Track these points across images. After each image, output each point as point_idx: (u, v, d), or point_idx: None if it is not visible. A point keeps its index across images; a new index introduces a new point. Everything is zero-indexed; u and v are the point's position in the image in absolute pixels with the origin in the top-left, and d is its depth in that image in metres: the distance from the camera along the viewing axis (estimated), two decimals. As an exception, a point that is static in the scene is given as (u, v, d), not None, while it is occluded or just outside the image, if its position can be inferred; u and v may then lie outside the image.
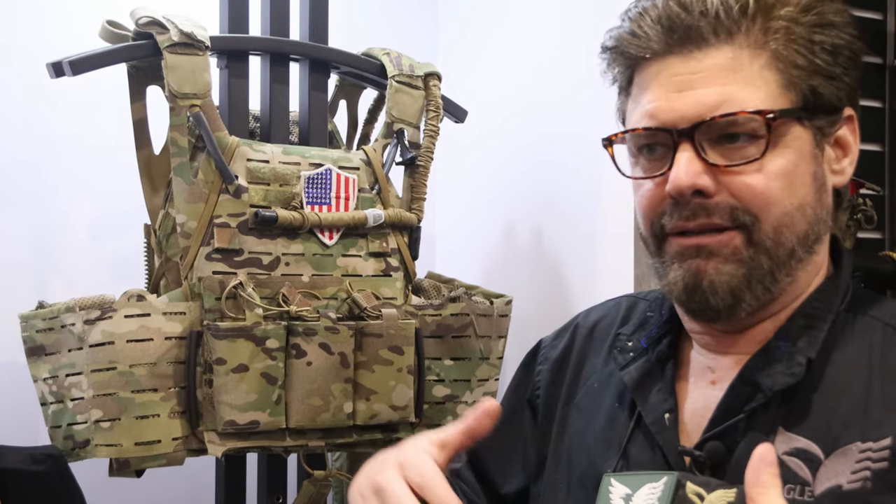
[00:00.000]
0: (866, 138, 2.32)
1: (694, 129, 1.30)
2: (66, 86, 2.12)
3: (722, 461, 1.33)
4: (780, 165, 1.31)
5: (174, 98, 2.04)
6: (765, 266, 1.32)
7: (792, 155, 1.32)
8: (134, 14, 2.07)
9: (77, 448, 1.97)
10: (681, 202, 1.32)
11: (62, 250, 2.50)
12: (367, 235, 2.18)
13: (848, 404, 1.29)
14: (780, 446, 1.29)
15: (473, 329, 2.25)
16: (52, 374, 1.99)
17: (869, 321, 1.36)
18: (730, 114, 1.29)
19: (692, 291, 1.33)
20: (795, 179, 1.32)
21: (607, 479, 1.34)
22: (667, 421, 1.40)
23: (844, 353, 1.33)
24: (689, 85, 1.32)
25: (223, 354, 2.00)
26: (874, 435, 1.25)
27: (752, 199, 1.31)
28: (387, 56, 2.30)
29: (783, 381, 1.31)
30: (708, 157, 1.31)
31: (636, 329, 1.52)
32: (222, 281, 2.03)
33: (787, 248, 1.33)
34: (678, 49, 1.33)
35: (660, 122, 1.33)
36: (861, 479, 1.24)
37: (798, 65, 1.32)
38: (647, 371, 1.46)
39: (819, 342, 1.33)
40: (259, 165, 2.09)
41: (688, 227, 1.33)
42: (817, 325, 1.35)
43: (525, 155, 2.60)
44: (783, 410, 1.32)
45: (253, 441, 2.05)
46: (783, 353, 1.33)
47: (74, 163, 2.51)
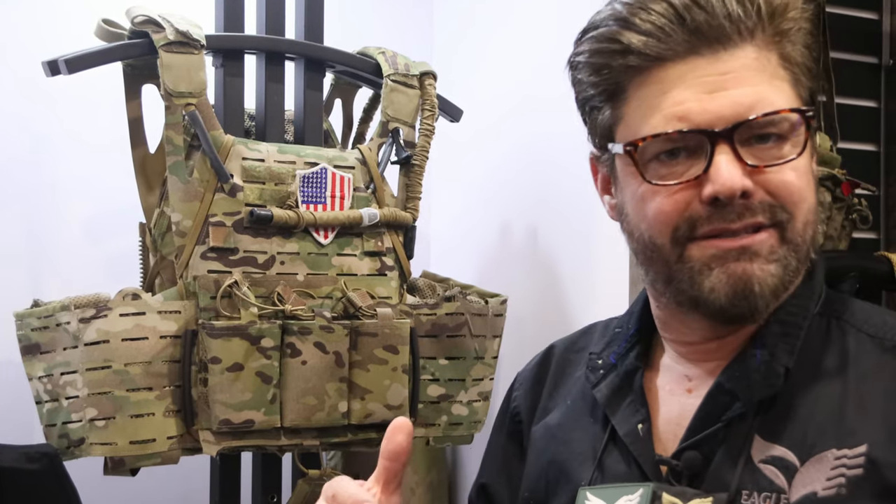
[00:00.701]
0: (861, 138, 2.34)
1: (733, 131, 1.28)
2: (61, 84, 2.11)
3: (699, 470, 1.33)
4: (804, 164, 1.33)
5: (169, 97, 2.03)
6: (793, 264, 1.32)
7: (808, 154, 1.34)
8: (130, 13, 2.06)
9: (72, 447, 1.97)
10: (725, 205, 1.29)
11: (57, 248, 2.50)
12: (362, 235, 2.18)
13: (823, 411, 1.29)
14: (757, 454, 1.29)
15: (468, 328, 2.25)
16: (47, 372, 1.99)
17: (843, 326, 1.37)
18: (771, 113, 1.29)
19: (742, 295, 1.30)
20: (812, 178, 1.35)
21: (583, 492, 1.36)
22: (640, 432, 1.40)
23: (819, 360, 1.34)
24: (720, 86, 1.29)
25: (218, 353, 2.00)
26: (849, 442, 1.26)
27: (789, 197, 1.30)
28: (382, 55, 2.30)
29: (762, 391, 1.31)
30: (745, 159, 1.29)
31: (605, 346, 1.53)
32: (217, 280, 2.03)
33: (808, 244, 1.34)
34: (704, 49, 1.30)
35: (694, 125, 1.29)
36: (836, 486, 1.24)
37: (799, 64, 1.34)
38: (618, 385, 1.46)
39: (796, 351, 1.33)
40: (254, 164, 2.09)
41: (733, 228, 1.30)
42: (793, 332, 1.35)
43: (520, 154, 2.60)
44: (759, 419, 1.32)
45: (248, 440, 2.05)
46: (760, 361, 1.33)
47: (70, 161, 2.51)
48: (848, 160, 2.12)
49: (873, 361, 1.32)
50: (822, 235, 2.05)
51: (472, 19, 2.89)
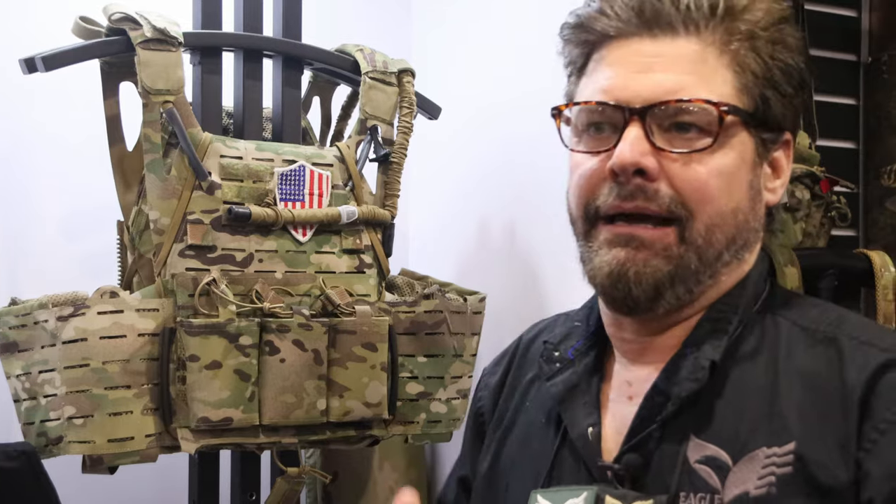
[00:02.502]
0: (840, 135, 2.34)
1: (647, 110, 1.31)
2: (38, 82, 2.10)
3: (640, 473, 1.33)
4: (722, 164, 1.32)
5: (147, 94, 2.03)
6: (692, 265, 1.33)
7: (735, 157, 1.33)
8: (107, 10, 2.06)
9: (50, 445, 1.96)
10: (621, 181, 1.32)
11: (34, 246, 2.49)
12: (340, 232, 2.18)
13: (754, 409, 1.30)
14: (692, 454, 1.30)
15: (447, 326, 2.25)
16: (25, 370, 1.98)
17: (778, 321, 1.37)
18: (685, 100, 1.30)
19: (616, 279, 1.33)
20: (734, 182, 1.34)
21: (534, 496, 1.38)
22: (590, 435, 1.41)
23: (752, 357, 1.34)
24: (649, 67, 1.33)
25: (196, 351, 2.00)
26: (779, 440, 1.26)
27: (691, 192, 1.31)
28: (360, 52, 2.29)
29: (688, 386, 1.32)
30: (655, 140, 1.31)
31: (562, 339, 1.53)
32: (195, 277, 2.02)
33: (716, 248, 1.34)
34: (646, 32, 1.34)
35: (613, 98, 1.33)
36: (766, 484, 1.25)
37: (754, 72, 1.34)
38: (574, 384, 1.46)
39: (723, 345, 1.33)
40: (232, 162, 2.09)
41: (624, 209, 1.33)
42: (721, 327, 1.35)
43: (498, 152, 2.61)
44: (693, 417, 1.32)
45: (226, 438, 2.05)
46: (689, 360, 1.34)
47: (47, 159, 2.50)
48: (827, 157, 2.13)
49: (803, 353, 1.32)
50: (802, 233, 2.06)
51: (449, 17, 2.89)
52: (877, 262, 2.03)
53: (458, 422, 2.32)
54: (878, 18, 2.38)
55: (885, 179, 2.31)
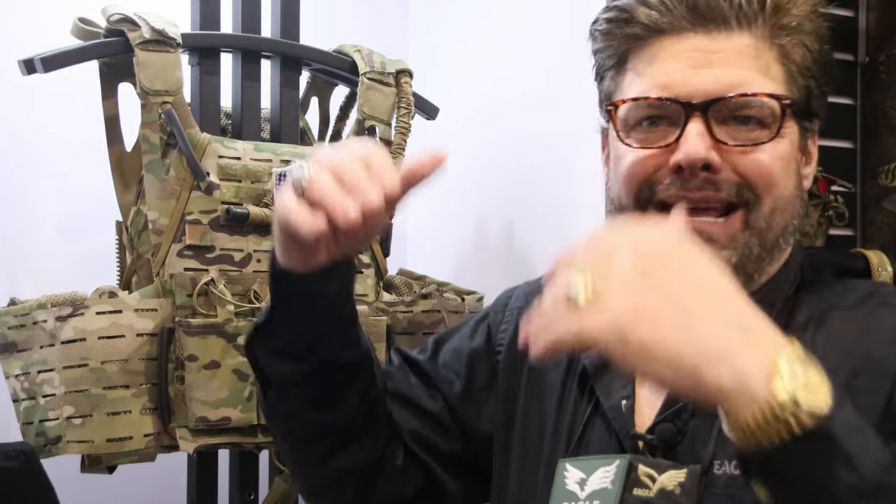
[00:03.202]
0: (838, 135, 2.34)
1: (709, 105, 1.32)
2: (37, 83, 2.11)
3: (673, 443, 1.33)
4: (782, 151, 1.35)
5: (146, 95, 2.03)
6: (754, 251, 1.34)
7: (788, 145, 1.36)
8: (105, 11, 2.06)
9: (49, 444, 1.97)
10: (688, 175, 1.32)
11: (33, 247, 2.49)
12: (338, 232, 2.18)
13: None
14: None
15: (445, 326, 2.25)
16: (24, 370, 1.99)
17: (811, 298, 1.39)
18: (748, 94, 1.32)
19: None
20: (790, 169, 1.37)
21: (563, 464, 1.36)
22: (623, 407, 1.40)
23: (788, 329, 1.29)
24: (708, 63, 1.33)
25: (195, 351, 2.00)
26: None
27: (758, 178, 1.33)
28: (358, 53, 2.30)
29: None
30: (716, 134, 1.32)
31: None
32: (194, 278, 2.03)
33: (776, 233, 1.36)
34: (700, 27, 1.34)
35: (674, 94, 1.33)
36: None
37: (798, 63, 1.37)
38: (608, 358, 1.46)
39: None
40: (230, 162, 2.09)
41: (691, 198, 1.33)
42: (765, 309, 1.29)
43: (496, 152, 2.61)
44: None
45: (224, 437, 2.06)
46: None
47: (45, 159, 2.50)
48: (824, 157, 2.12)
49: (839, 320, 1.34)
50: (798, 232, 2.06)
51: (447, 17, 2.89)
52: (874, 261, 2.03)
53: (456, 421, 2.32)
54: (876, 18, 2.38)
55: (882, 179, 2.30)
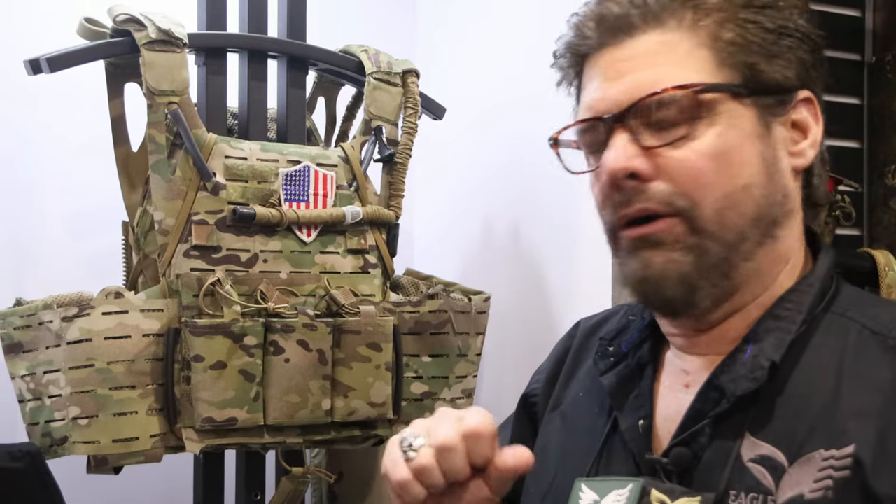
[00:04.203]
0: (844, 135, 2.34)
1: (625, 114, 1.29)
2: (43, 83, 2.11)
3: (688, 468, 1.30)
4: (714, 144, 1.28)
5: (152, 95, 2.03)
6: (714, 251, 1.29)
7: (731, 133, 1.29)
8: (111, 11, 2.06)
9: (55, 445, 1.97)
10: (618, 189, 1.30)
11: (40, 247, 2.50)
12: (345, 232, 2.18)
13: (814, 410, 1.24)
14: (746, 452, 1.26)
15: (451, 326, 2.26)
16: (30, 371, 1.99)
17: (846, 323, 1.30)
18: (656, 92, 1.27)
19: (644, 283, 1.31)
20: (736, 159, 1.29)
21: (578, 484, 1.34)
22: (640, 428, 1.38)
23: (815, 357, 1.28)
24: (621, 72, 1.31)
25: (201, 351, 2.00)
26: (838, 442, 1.20)
27: (687, 181, 1.28)
28: (365, 53, 2.30)
29: (745, 385, 1.27)
30: (644, 141, 1.28)
31: (617, 334, 1.49)
32: (200, 278, 2.03)
33: (736, 230, 1.29)
34: (610, 39, 1.32)
35: (595, 112, 1.32)
36: (823, 488, 1.20)
37: (732, 42, 1.29)
38: (627, 376, 1.44)
39: (785, 345, 1.28)
40: (237, 162, 2.09)
41: (628, 215, 1.30)
42: (785, 326, 1.30)
43: (503, 151, 2.61)
44: (750, 415, 1.27)
45: (231, 438, 2.05)
46: (749, 356, 1.29)
47: (52, 160, 2.50)
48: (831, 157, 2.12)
49: (873, 359, 1.25)
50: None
51: (454, 17, 2.89)
52: (881, 261, 2.03)
53: (463, 422, 2.32)
54: (883, 18, 2.37)
55: (889, 178, 2.30)
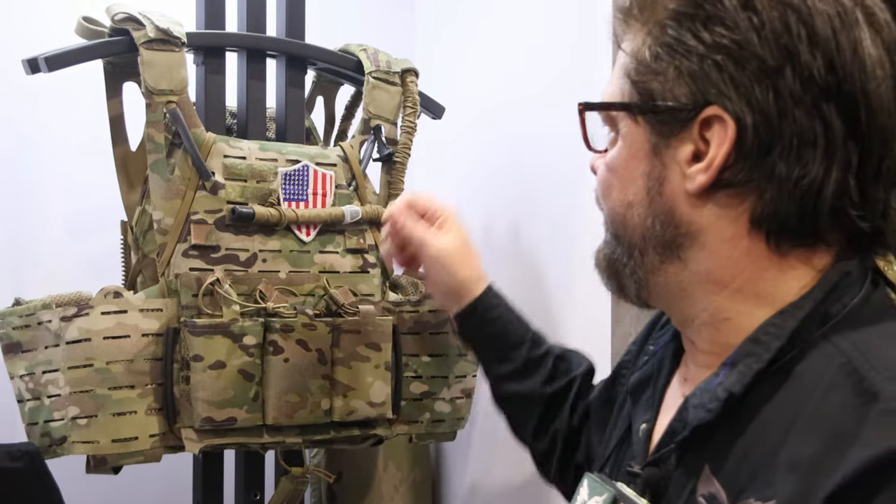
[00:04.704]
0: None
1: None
2: (42, 82, 2.10)
3: (657, 489, 1.27)
4: (613, 159, 1.31)
5: (150, 94, 2.03)
6: (619, 252, 1.32)
7: (622, 150, 1.30)
8: (110, 10, 2.06)
9: (54, 445, 1.96)
10: None
11: (39, 247, 2.49)
12: (344, 232, 2.18)
13: (762, 452, 1.15)
14: (701, 486, 1.20)
15: (451, 325, 2.25)
16: (29, 370, 1.98)
17: (832, 353, 1.17)
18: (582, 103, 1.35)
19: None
20: (625, 176, 1.29)
21: (585, 478, 1.34)
22: (641, 432, 1.37)
23: (783, 390, 1.18)
24: None
25: (200, 351, 2.00)
26: (764, 493, 1.11)
27: (598, 188, 1.35)
28: (364, 52, 2.29)
29: (700, 415, 1.22)
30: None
31: (662, 332, 1.50)
32: (199, 278, 2.02)
33: (629, 241, 1.30)
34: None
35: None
36: None
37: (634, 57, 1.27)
38: (647, 376, 1.44)
39: (749, 376, 1.19)
40: (236, 162, 2.09)
41: None
42: (756, 353, 1.21)
43: (503, 151, 2.61)
44: (711, 446, 1.22)
45: (230, 438, 2.05)
46: (716, 383, 1.22)
47: (50, 159, 2.50)
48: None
49: (838, 402, 1.11)
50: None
51: (454, 16, 2.89)
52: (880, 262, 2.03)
53: (462, 421, 2.32)
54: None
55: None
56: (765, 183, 1.20)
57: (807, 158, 1.18)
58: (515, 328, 1.92)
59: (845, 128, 1.18)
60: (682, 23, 1.21)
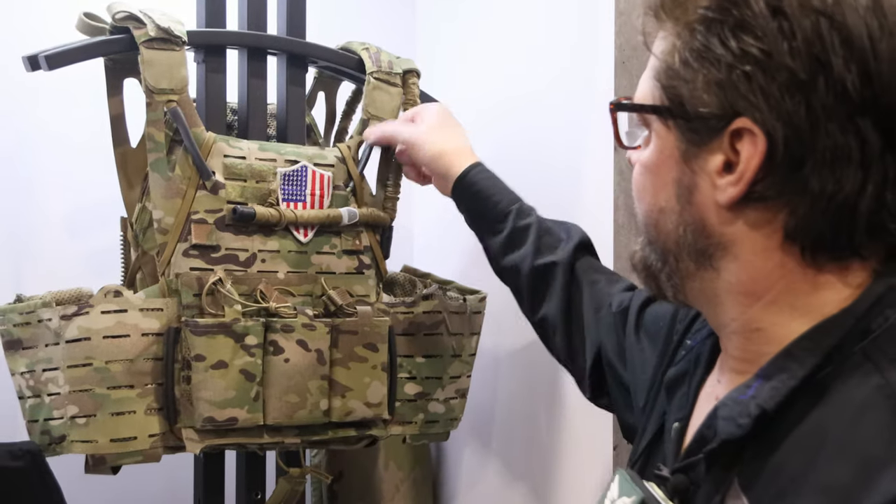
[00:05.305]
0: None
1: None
2: (42, 80, 2.11)
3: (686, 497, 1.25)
4: (647, 160, 1.29)
5: (151, 93, 2.03)
6: (652, 258, 1.31)
7: (655, 152, 1.27)
8: (111, 8, 2.06)
9: (53, 443, 1.97)
10: None
11: (39, 244, 2.49)
12: (340, 233, 2.18)
13: (789, 475, 1.12)
14: (730, 500, 1.17)
15: (445, 326, 2.27)
16: (30, 368, 1.99)
17: (870, 371, 1.13)
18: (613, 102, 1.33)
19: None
20: (656, 180, 1.27)
21: (617, 473, 1.29)
22: (673, 431, 1.35)
23: (817, 410, 1.14)
24: None
25: (202, 351, 2.00)
26: None
27: (633, 188, 1.33)
28: (366, 51, 2.29)
29: (730, 430, 1.18)
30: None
31: (702, 326, 1.46)
32: (200, 277, 2.03)
33: (663, 248, 1.29)
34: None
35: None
36: None
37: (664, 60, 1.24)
38: (683, 372, 1.42)
39: (783, 393, 1.16)
40: (236, 162, 2.09)
41: None
42: (791, 367, 1.17)
43: (502, 151, 2.60)
44: (740, 459, 1.18)
45: (230, 438, 2.05)
46: (749, 395, 1.19)
47: (50, 156, 2.50)
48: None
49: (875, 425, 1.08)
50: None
51: (454, 15, 2.89)
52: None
53: (456, 421, 2.33)
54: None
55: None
56: (797, 198, 1.16)
57: (841, 173, 1.13)
58: (499, 199, 2.06)
59: (882, 141, 1.13)
60: (710, 28, 1.18)
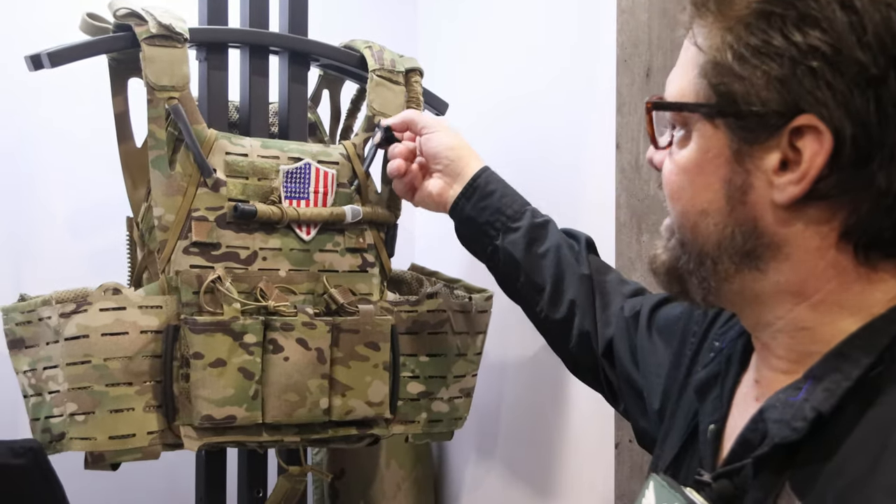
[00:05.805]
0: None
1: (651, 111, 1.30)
2: (44, 78, 2.10)
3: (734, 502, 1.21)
4: (684, 160, 1.25)
5: (152, 90, 2.02)
6: (682, 259, 1.28)
7: (697, 153, 1.23)
8: (112, 6, 2.06)
9: (53, 441, 1.97)
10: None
11: (42, 243, 2.49)
12: (343, 231, 2.18)
13: (850, 476, 1.09)
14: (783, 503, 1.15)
15: (450, 325, 2.25)
16: (32, 366, 1.99)
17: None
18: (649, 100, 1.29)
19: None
20: (698, 181, 1.24)
21: (650, 479, 1.28)
22: (709, 433, 1.32)
23: (874, 411, 1.11)
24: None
25: (201, 349, 1.99)
26: None
27: (666, 189, 1.28)
28: (369, 49, 2.28)
29: (785, 433, 1.15)
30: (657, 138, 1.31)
31: (727, 329, 1.45)
32: (199, 275, 2.02)
33: (697, 248, 1.26)
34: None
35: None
36: None
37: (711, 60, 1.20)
38: (714, 374, 1.39)
39: (837, 395, 1.13)
40: (237, 159, 2.09)
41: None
42: (846, 370, 1.14)
43: (505, 149, 2.60)
44: (792, 463, 1.16)
45: (229, 436, 2.05)
46: (800, 398, 1.16)
47: (54, 155, 2.50)
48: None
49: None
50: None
51: (455, 13, 2.88)
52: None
53: (461, 421, 2.32)
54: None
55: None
56: (862, 195, 1.14)
57: None
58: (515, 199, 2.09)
59: None
60: (770, 22, 1.14)
